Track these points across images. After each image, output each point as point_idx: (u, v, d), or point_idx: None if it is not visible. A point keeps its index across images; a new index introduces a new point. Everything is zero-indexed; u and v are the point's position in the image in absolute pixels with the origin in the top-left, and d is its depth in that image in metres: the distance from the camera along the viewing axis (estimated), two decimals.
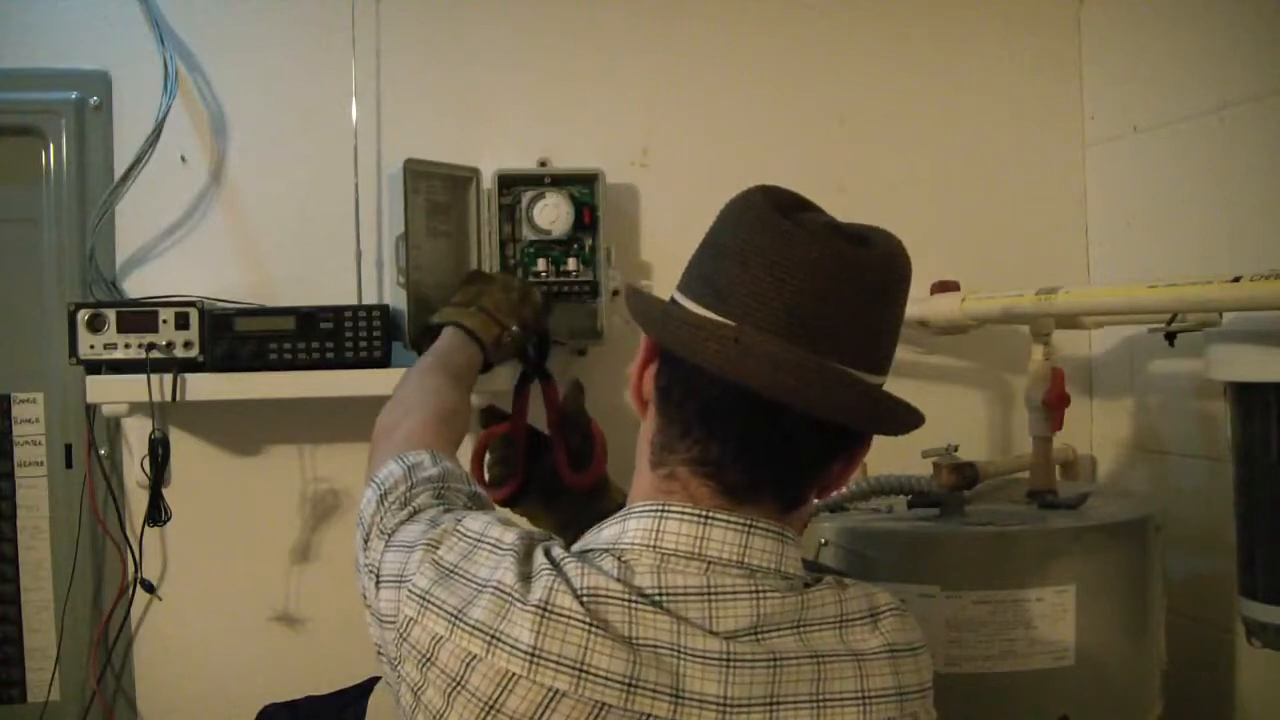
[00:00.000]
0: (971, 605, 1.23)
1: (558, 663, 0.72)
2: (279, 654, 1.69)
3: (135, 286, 1.66)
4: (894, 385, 0.82)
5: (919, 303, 1.69)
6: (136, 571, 1.60)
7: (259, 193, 1.70)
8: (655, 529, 0.78)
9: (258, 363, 1.53)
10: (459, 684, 0.74)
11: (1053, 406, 1.46)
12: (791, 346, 0.74)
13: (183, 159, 1.68)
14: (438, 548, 0.80)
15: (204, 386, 1.52)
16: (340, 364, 1.55)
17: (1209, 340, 1.32)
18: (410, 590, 0.78)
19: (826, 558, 1.29)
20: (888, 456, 1.49)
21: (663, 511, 0.78)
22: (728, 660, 0.74)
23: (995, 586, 1.23)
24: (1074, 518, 1.35)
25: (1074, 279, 1.82)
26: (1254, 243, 1.50)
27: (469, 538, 0.80)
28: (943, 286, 1.69)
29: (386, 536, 0.84)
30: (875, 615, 0.81)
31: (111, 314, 1.50)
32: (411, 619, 0.77)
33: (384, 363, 1.57)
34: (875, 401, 0.78)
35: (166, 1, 1.66)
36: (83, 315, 1.49)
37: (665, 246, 1.79)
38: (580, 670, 0.72)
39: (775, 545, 0.79)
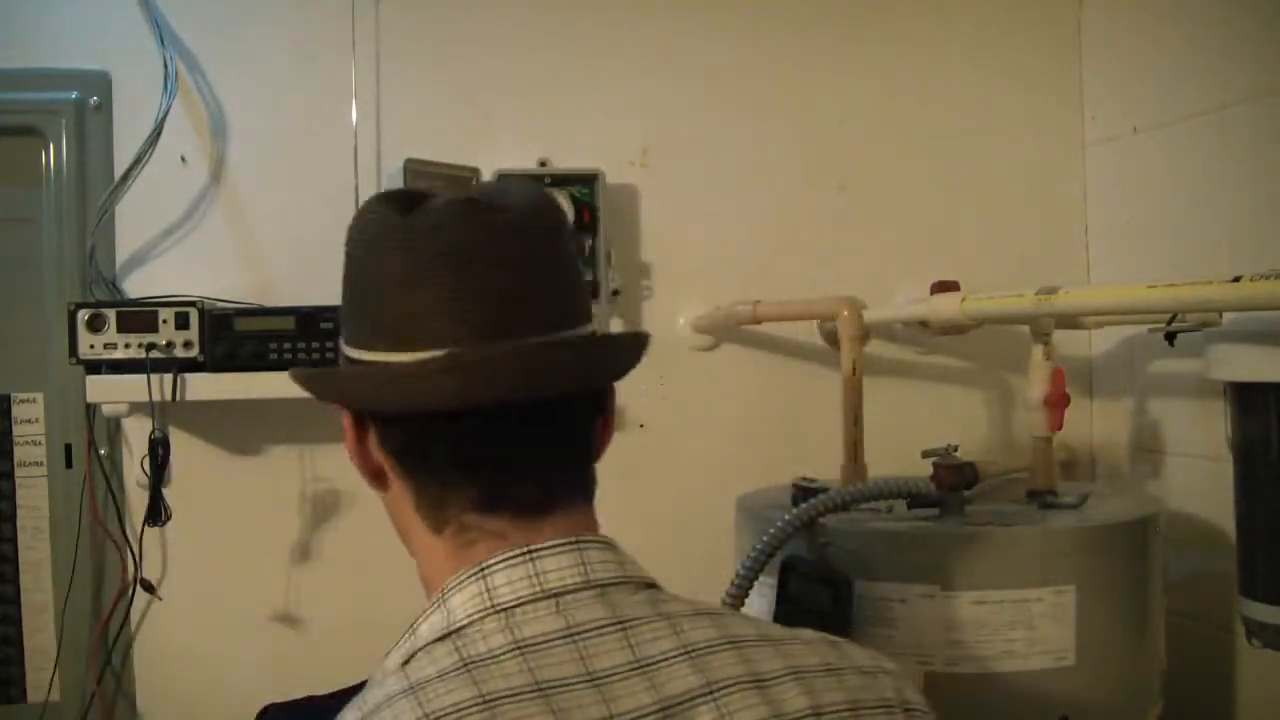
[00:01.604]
0: (971, 605, 1.23)
1: None
2: (279, 654, 1.69)
3: (135, 286, 1.66)
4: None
5: (919, 303, 1.69)
6: (136, 571, 1.60)
7: (259, 193, 1.70)
8: (484, 590, 0.68)
9: (258, 363, 1.53)
10: None
11: (1053, 406, 1.46)
12: (493, 344, 0.67)
13: (183, 159, 1.68)
14: None
15: (204, 386, 1.52)
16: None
17: (1209, 340, 1.32)
18: None
19: (827, 558, 1.29)
20: (888, 456, 1.50)
21: (481, 570, 0.69)
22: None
23: (995, 586, 1.23)
24: (1074, 518, 1.35)
25: (1074, 279, 1.82)
26: (1254, 243, 1.50)
27: None
28: (943, 286, 1.69)
29: None
30: (772, 640, 0.72)
31: (111, 314, 1.50)
32: None
33: None
34: (604, 350, 0.76)
35: (166, 1, 1.66)
36: (83, 315, 1.49)
37: (665, 246, 1.79)
38: None
39: (609, 554, 0.72)
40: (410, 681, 0.66)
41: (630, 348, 0.76)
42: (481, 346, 0.67)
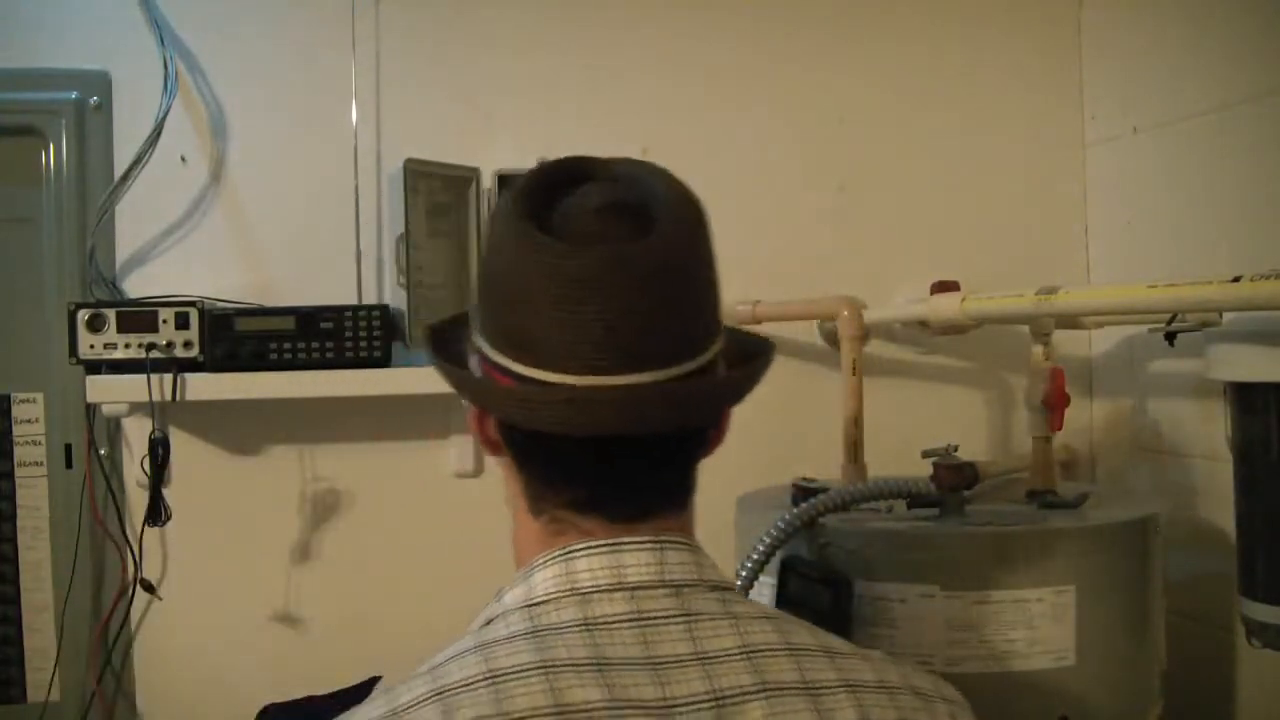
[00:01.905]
0: (971, 605, 1.23)
1: None
2: (279, 654, 1.69)
3: (135, 286, 1.66)
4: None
5: (919, 303, 1.69)
6: (136, 571, 1.60)
7: (259, 193, 1.70)
8: (566, 573, 0.72)
9: (258, 363, 1.54)
10: None
11: (1053, 406, 1.46)
12: (619, 378, 0.68)
13: (183, 159, 1.68)
14: None
15: (204, 386, 1.52)
16: (340, 364, 1.56)
17: (1209, 340, 1.32)
18: None
19: (827, 558, 1.29)
20: (888, 455, 1.50)
21: (567, 554, 0.72)
22: (670, 707, 0.67)
23: (995, 586, 1.23)
24: (1074, 518, 1.35)
25: (1074, 279, 1.82)
26: (1254, 243, 1.50)
27: None
28: (943, 286, 1.69)
29: None
30: (831, 653, 0.74)
31: (111, 314, 1.50)
32: None
33: (384, 363, 1.57)
34: (717, 388, 0.75)
35: (166, 1, 1.66)
36: (83, 315, 1.50)
37: None
38: None
39: (691, 556, 0.75)
40: (480, 640, 0.70)
41: (746, 378, 0.77)
42: (602, 380, 0.68)
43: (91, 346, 1.49)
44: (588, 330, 0.68)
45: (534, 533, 0.75)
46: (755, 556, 1.25)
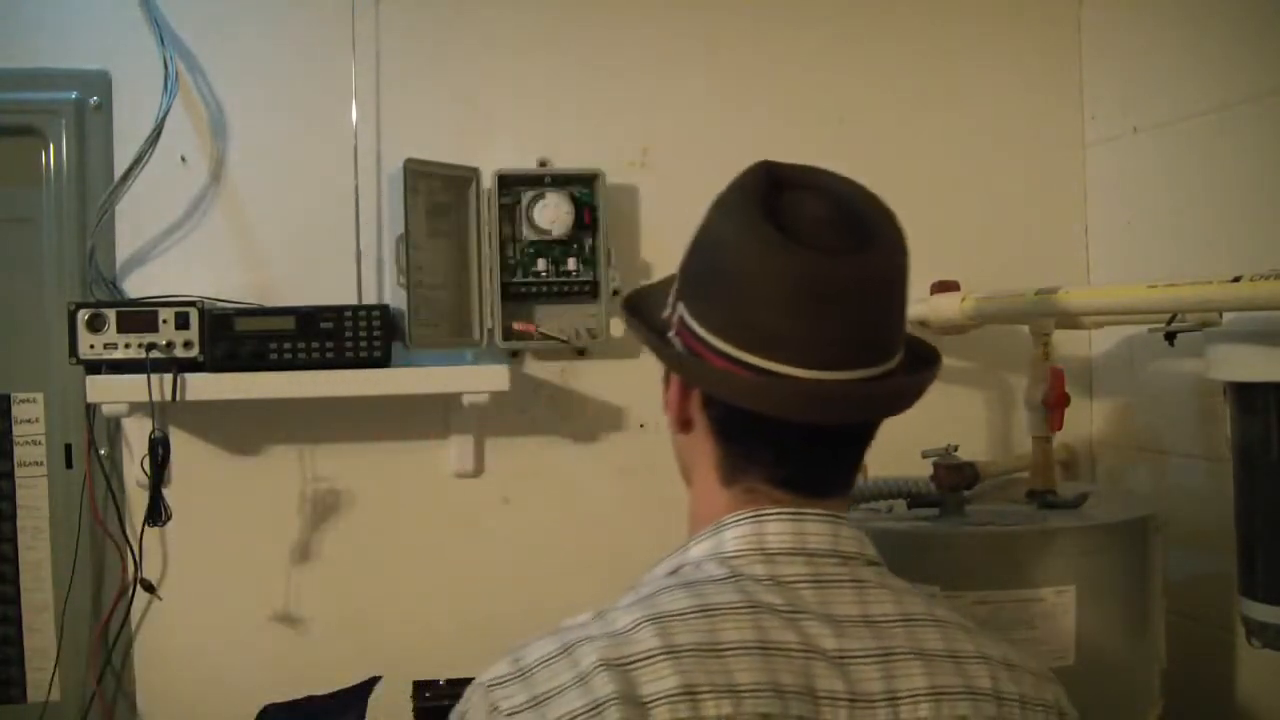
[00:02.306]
0: (971, 605, 1.23)
1: (713, 691, 0.71)
2: (279, 654, 1.69)
3: (135, 286, 1.66)
4: None
5: (919, 303, 1.69)
6: (136, 571, 1.60)
7: (259, 193, 1.70)
8: (757, 533, 0.80)
9: (258, 363, 1.53)
10: None
11: (1053, 406, 1.46)
12: (847, 374, 0.77)
13: (183, 159, 1.68)
14: (512, 704, 0.72)
15: (204, 386, 1.52)
16: (340, 364, 1.56)
17: (1209, 340, 1.32)
18: None
19: None
20: (888, 455, 1.50)
21: (758, 517, 0.80)
22: (844, 658, 0.75)
23: (995, 586, 1.23)
24: (1074, 518, 1.35)
25: (1074, 279, 1.82)
26: (1254, 243, 1.50)
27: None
28: (943, 286, 1.69)
29: None
30: (966, 629, 0.82)
31: (111, 314, 1.50)
32: None
33: (384, 363, 1.57)
34: (913, 385, 0.83)
35: (166, 1, 1.66)
36: (83, 315, 1.50)
37: (665, 246, 1.79)
38: (734, 691, 0.71)
39: (854, 532, 0.83)
40: (684, 580, 0.78)
41: (930, 377, 0.85)
42: (834, 375, 0.76)
43: (91, 346, 1.49)
44: (829, 331, 0.76)
45: (723, 498, 0.82)
46: None
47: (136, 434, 1.61)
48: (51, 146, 1.63)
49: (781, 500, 0.81)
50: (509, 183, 1.69)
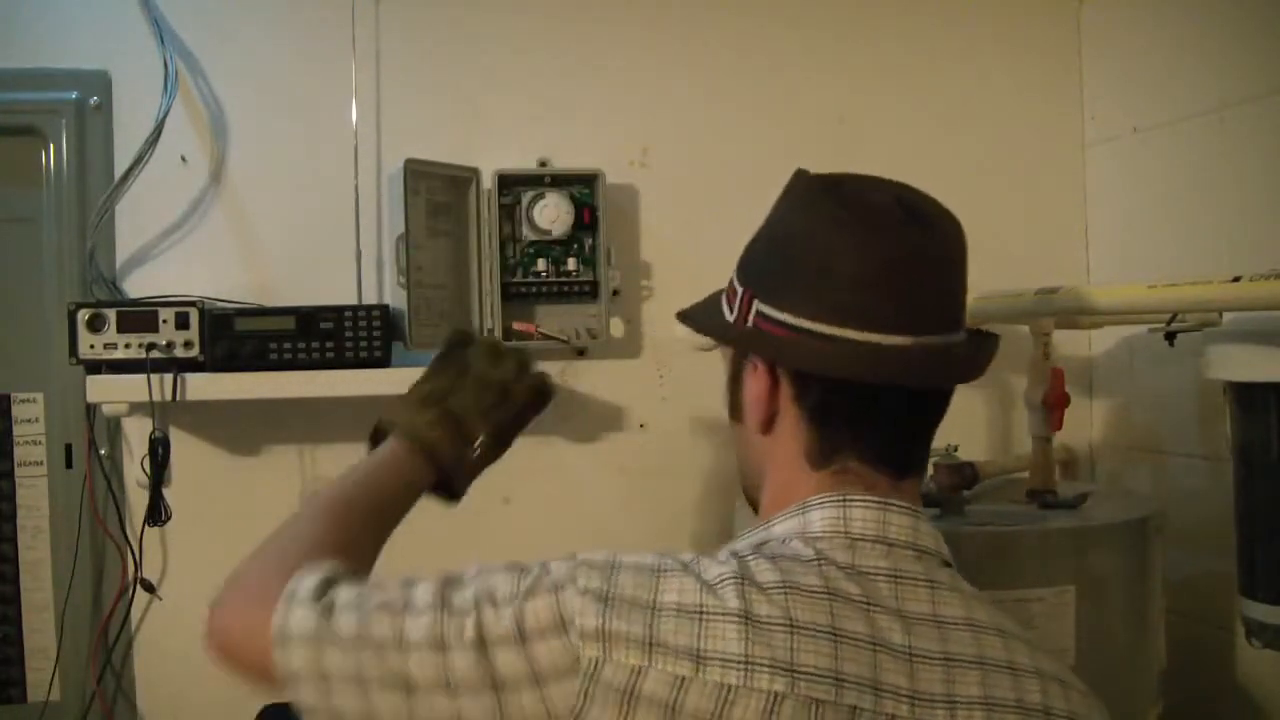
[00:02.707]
0: None
1: (771, 666, 0.72)
2: None
3: (135, 286, 1.66)
4: None
5: None
6: (136, 571, 1.60)
7: (259, 193, 1.70)
8: (842, 517, 0.81)
9: (258, 363, 1.53)
10: (674, 710, 0.71)
11: (1053, 406, 1.46)
12: (932, 337, 0.81)
13: (183, 159, 1.68)
14: (588, 584, 0.74)
15: (204, 386, 1.52)
16: (340, 364, 1.56)
17: (1209, 340, 1.32)
18: (582, 631, 0.72)
19: None
20: None
21: (845, 501, 0.82)
22: (911, 656, 0.76)
23: (995, 586, 1.23)
24: (1074, 518, 1.35)
25: (1074, 279, 1.82)
26: (1254, 243, 1.50)
27: (615, 569, 0.76)
28: None
29: (503, 603, 0.75)
30: (1029, 643, 0.83)
31: (111, 314, 1.50)
32: (597, 659, 0.71)
33: (384, 363, 1.57)
34: (988, 349, 0.89)
35: (166, 1, 1.66)
36: (83, 315, 1.49)
37: (665, 246, 1.79)
38: (791, 671, 0.72)
39: (931, 528, 0.84)
40: (775, 553, 0.79)
41: (994, 346, 0.91)
42: (922, 340, 0.81)
43: (91, 346, 1.49)
44: (916, 299, 0.81)
45: (810, 481, 0.84)
46: None
47: (136, 434, 1.61)
48: (51, 146, 1.63)
49: (870, 481, 0.83)
50: (509, 183, 1.69)
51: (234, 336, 1.54)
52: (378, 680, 0.75)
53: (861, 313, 0.80)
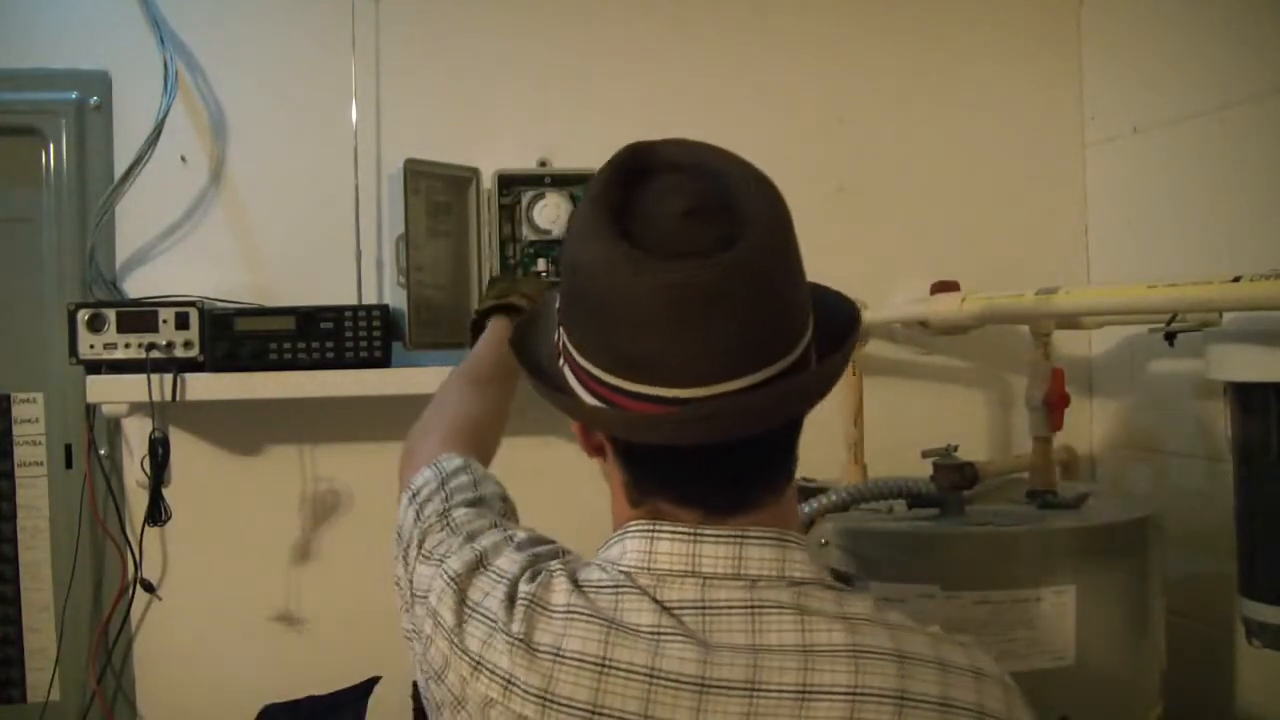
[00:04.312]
0: (971, 605, 1.23)
1: (525, 691, 0.73)
2: (279, 654, 1.69)
3: (135, 286, 1.66)
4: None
5: (919, 303, 1.69)
6: (136, 571, 1.60)
7: (259, 193, 1.70)
8: (649, 550, 0.76)
9: (258, 363, 1.53)
10: (460, 703, 0.76)
11: (1053, 406, 1.46)
12: (725, 385, 0.71)
13: (183, 159, 1.68)
14: (457, 570, 0.81)
15: (204, 386, 1.52)
16: (340, 364, 1.56)
17: (1209, 340, 1.32)
18: (429, 609, 0.80)
19: (826, 558, 1.29)
20: (888, 456, 1.50)
21: (654, 532, 0.76)
22: (704, 688, 0.71)
23: (995, 586, 1.23)
24: (1074, 518, 1.35)
25: (1074, 279, 1.82)
26: (1254, 243, 1.50)
27: (484, 570, 0.80)
28: (943, 286, 1.69)
29: (423, 554, 0.86)
30: (904, 658, 0.73)
31: (111, 314, 1.50)
32: (430, 637, 0.79)
33: (384, 363, 1.57)
34: (816, 382, 0.77)
35: (166, 1, 1.66)
36: (83, 315, 1.49)
37: None
38: (544, 698, 0.72)
39: (775, 552, 0.76)
40: (582, 578, 0.77)
41: (839, 365, 0.79)
42: (711, 390, 0.70)
43: (91, 346, 1.49)
44: (697, 345, 0.70)
45: (632, 511, 0.79)
46: None
47: (136, 434, 1.61)
48: (51, 146, 1.63)
49: (686, 519, 0.76)
50: (509, 183, 1.69)
51: (234, 336, 1.54)
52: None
53: (637, 363, 0.71)
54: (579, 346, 0.76)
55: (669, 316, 0.69)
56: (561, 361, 0.79)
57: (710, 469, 0.75)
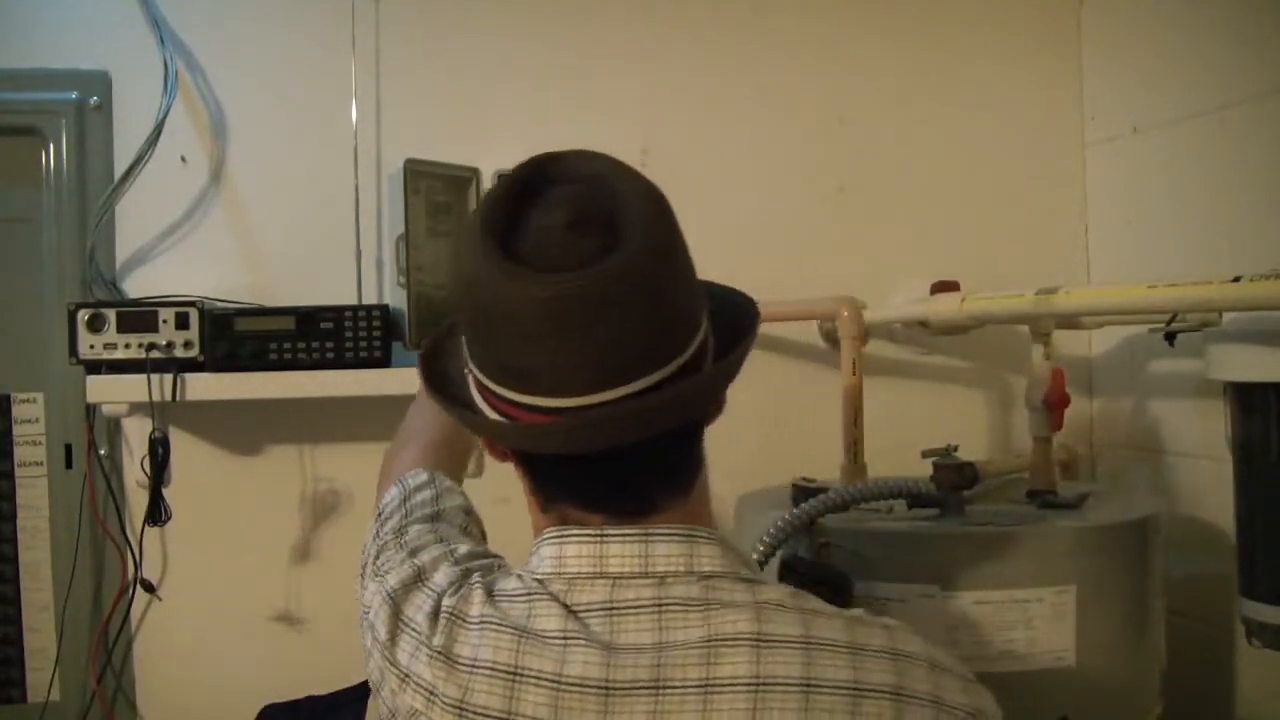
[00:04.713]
0: (971, 605, 1.23)
1: (444, 703, 0.75)
2: (279, 654, 1.69)
3: (135, 286, 1.66)
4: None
5: (919, 303, 1.69)
6: (136, 571, 1.60)
7: (259, 193, 1.70)
8: (559, 555, 0.77)
9: (258, 363, 1.53)
10: (393, 715, 0.78)
11: (1053, 406, 1.46)
12: (611, 392, 0.71)
13: (183, 159, 1.68)
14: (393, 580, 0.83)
15: (204, 386, 1.52)
16: (340, 364, 1.56)
17: (1209, 340, 1.32)
18: (369, 624, 0.83)
19: (827, 558, 1.29)
20: (888, 456, 1.50)
21: (563, 537, 0.78)
22: (608, 690, 0.71)
23: (995, 586, 1.23)
24: (1074, 518, 1.35)
25: (1074, 279, 1.82)
26: (1254, 243, 1.50)
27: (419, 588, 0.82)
28: (943, 286, 1.69)
29: (374, 570, 0.87)
30: (810, 645, 0.72)
31: (111, 314, 1.50)
32: (369, 650, 0.82)
33: (384, 363, 1.57)
34: (704, 382, 0.76)
35: (166, 1, 1.66)
36: (83, 315, 1.49)
37: None
38: (460, 708, 0.74)
39: (682, 547, 0.76)
40: (499, 588, 0.78)
41: (730, 367, 0.78)
42: (594, 399, 0.71)
43: (91, 346, 1.49)
44: (576, 355, 0.71)
45: (544, 523, 0.81)
46: (755, 556, 1.25)
47: (136, 434, 1.61)
48: (51, 146, 1.63)
49: (591, 522, 0.77)
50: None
51: (234, 336, 1.54)
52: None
53: (519, 374, 0.73)
54: (473, 359, 0.77)
55: (548, 328, 0.70)
56: (467, 372, 0.80)
57: (608, 475, 0.77)
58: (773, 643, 0.71)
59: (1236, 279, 1.16)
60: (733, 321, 0.83)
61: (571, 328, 0.70)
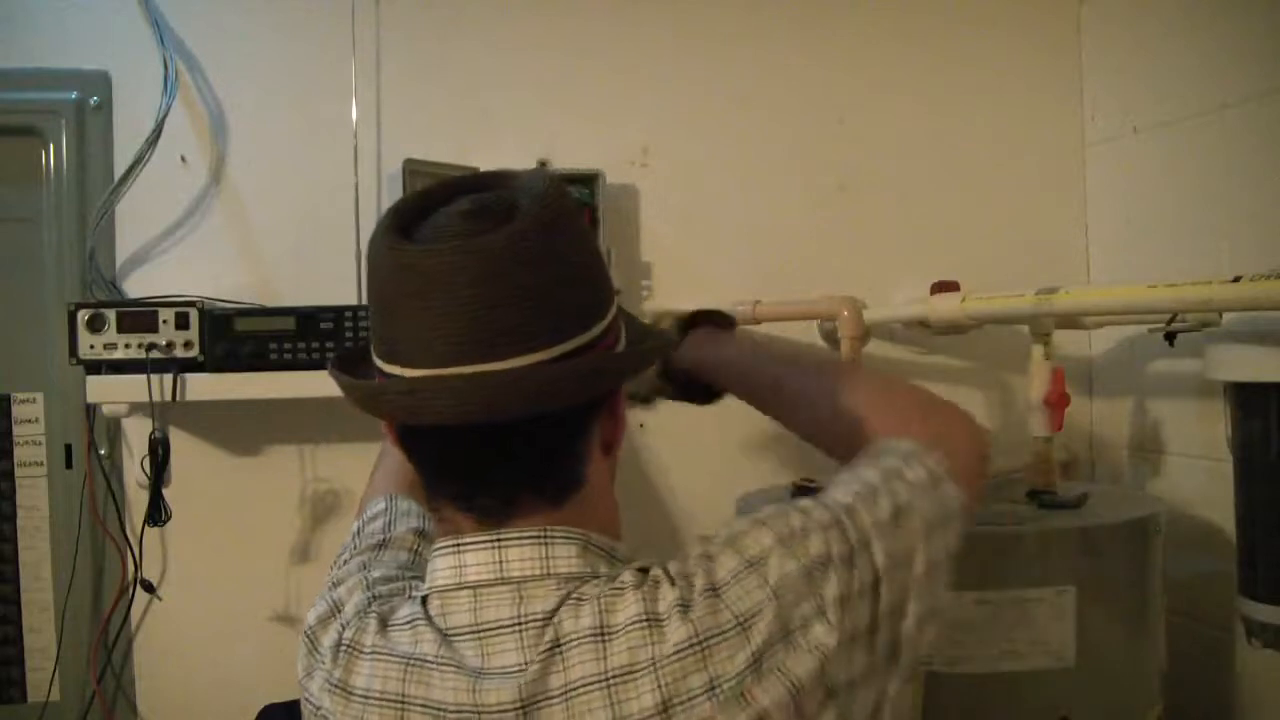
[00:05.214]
0: (971, 605, 1.23)
1: None
2: (279, 654, 1.68)
3: (135, 286, 1.66)
4: None
5: (919, 303, 1.69)
6: (136, 571, 1.60)
7: (259, 193, 1.70)
8: (434, 569, 0.77)
9: (258, 363, 1.53)
10: None
11: (1053, 406, 1.46)
12: (464, 369, 0.70)
13: (183, 159, 1.68)
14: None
15: (204, 386, 1.52)
16: None
17: (1209, 340, 1.32)
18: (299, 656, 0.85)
19: None
20: None
21: (441, 549, 0.77)
22: (479, 713, 0.72)
23: (995, 586, 1.23)
24: (1074, 518, 1.35)
25: (1074, 279, 1.82)
26: (1254, 243, 1.50)
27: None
28: (943, 286, 1.69)
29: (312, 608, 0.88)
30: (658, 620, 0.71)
31: (111, 314, 1.50)
32: (299, 683, 0.85)
33: None
34: (572, 374, 0.72)
35: (166, 1, 1.66)
36: (83, 315, 1.49)
37: (665, 246, 1.79)
38: None
39: (535, 550, 0.74)
40: (394, 614, 0.79)
41: (582, 367, 0.74)
42: (444, 371, 0.70)
43: (91, 346, 1.49)
44: (433, 324, 0.70)
45: (437, 528, 0.80)
46: None
47: (136, 434, 1.61)
48: (51, 146, 1.63)
49: (462, 527, 0.76)
50: None
51: (234, 336, 1.53)
52: None
53: (387, 343, 0.74)
54: (370, 337, 0.78)
55: (409, 294, 0.71)
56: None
57: (470, 471, 0.75)
58: (615, 633, 0.71)
59: (1236, 279, 1.16)
60: (648, 349, 0.83)
61: (431, 297, 0.70)
